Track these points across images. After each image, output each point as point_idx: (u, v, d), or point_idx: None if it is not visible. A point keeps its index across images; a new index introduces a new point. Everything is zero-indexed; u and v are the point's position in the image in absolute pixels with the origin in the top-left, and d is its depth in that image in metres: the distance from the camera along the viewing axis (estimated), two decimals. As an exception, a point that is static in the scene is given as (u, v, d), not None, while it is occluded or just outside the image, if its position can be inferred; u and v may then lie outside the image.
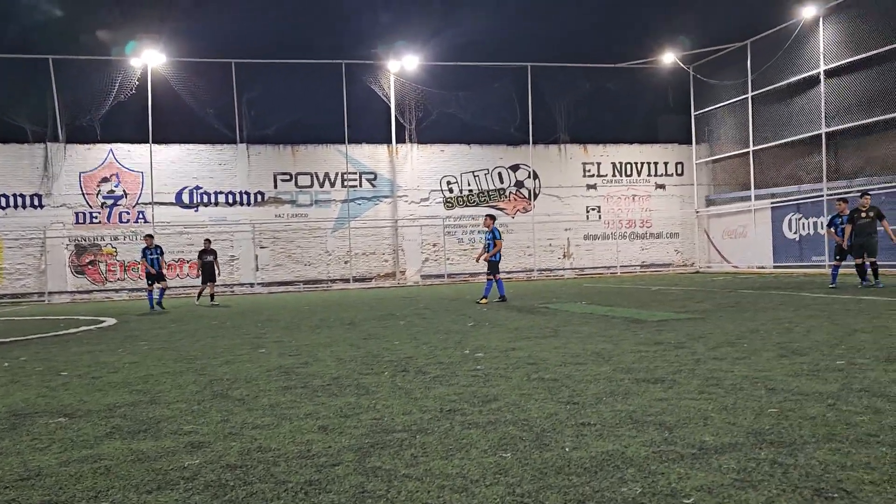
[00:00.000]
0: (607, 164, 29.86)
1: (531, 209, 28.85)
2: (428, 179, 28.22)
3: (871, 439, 3.58)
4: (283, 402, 5.18)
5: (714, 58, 28.90)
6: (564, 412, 4.48)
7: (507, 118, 28.84)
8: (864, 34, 22.25)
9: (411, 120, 28.05)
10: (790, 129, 25.31)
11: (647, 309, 11.84)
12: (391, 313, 13.24)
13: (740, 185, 28.74)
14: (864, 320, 8.76)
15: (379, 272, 27.73)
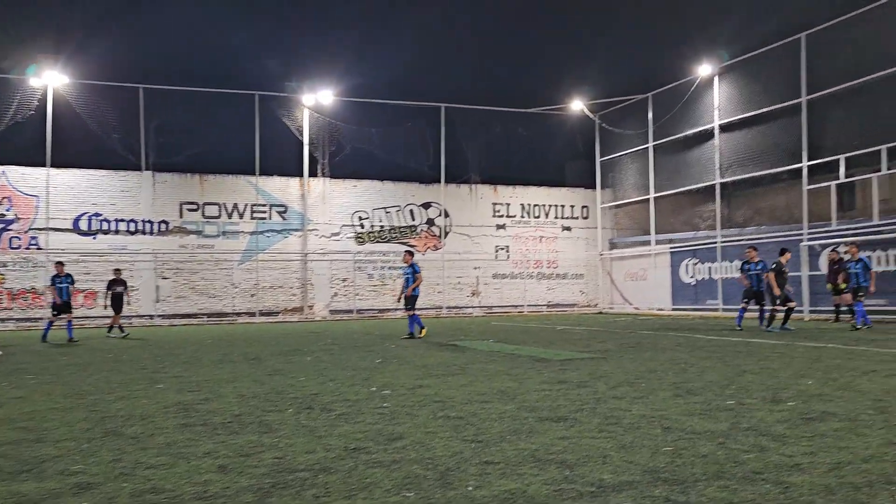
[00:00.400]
0: (516, 205, 30.56)
1: (441, 247, 29.10)
2: (340, 214, 28.06)
3: (757, 476, 3.78)
4: (181, 441, 4.98)
5: (619, 108, 30.28)
6: (469, 450, 4.51)
7: (421, 156, 29.15)
8: (754, 94, 23.87)
9: (325, 154, 27.91)
10: (688, 179, 26.70)
11: (552, 348, 12.10)
12: (298, 349, 12.98)
13: (641, 230, 29.99)
14: (752, 362, 9.25)
15: (286, 306, 27.17)
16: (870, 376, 7.58)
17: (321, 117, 27.65)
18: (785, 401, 6.10)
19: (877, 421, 5.15)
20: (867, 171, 20.61)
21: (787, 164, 22.43)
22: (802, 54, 21.64)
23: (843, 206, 22.74)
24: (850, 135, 20.26)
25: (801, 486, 3.59)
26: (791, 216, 24.12)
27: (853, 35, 20.31)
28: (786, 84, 22.32)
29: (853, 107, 20.43)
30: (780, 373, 8.05)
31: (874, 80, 19.59)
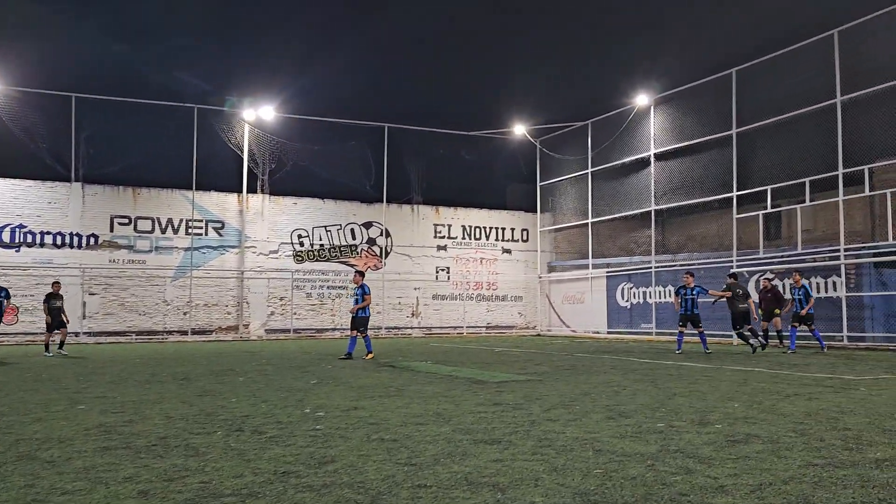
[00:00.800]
0: (458, 226, 30.73)
1: (382, 267, 28.97)
2: (279, 232, 27.66)
3: (683, 498, 3.84)
4: (100, 465, 4.77)
5: (559, 133, 30.89)
6: (402, 474, 4.45)
7: (363, 176, 29.05)
8: (687, 125, 24.71)
9: (265, 170, 27.54)
10: (624, 205, 27.36)
11: (490, 370, 12.14)
12: (230, 369, 12.67)
13: (579, 254, 30.51)
14: (682, 385, 9.47)
15: (221, 325, 26.53)
16: (792, 399, 7.84)
17: (262, 133, 27.30)
18: (712, 423, 6.25)
19: (797, 443, 5.32)
20: (792, 202, 21.53)
21: (718, 194, 23.22)
22: (733, 89, 22.53)
23: (770, 235, 23.66)
24: (777, 167, 21.14)
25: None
26: (721, 243, 24.95)
27: (781, 72, 21.28)
28: (717, 117, 23.19)
29: (780, 141, 21.35)
30: (708, 396, 8.25)
31: (799, 116, 20.53)
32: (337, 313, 28.05)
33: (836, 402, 7.57)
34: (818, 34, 20.02)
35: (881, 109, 18.51)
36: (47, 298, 17.80)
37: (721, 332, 21.41)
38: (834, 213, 20.01)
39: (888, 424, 6.13)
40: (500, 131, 31.38)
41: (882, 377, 10.45)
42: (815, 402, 7.58)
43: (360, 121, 28.99)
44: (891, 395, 8.18)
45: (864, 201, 20.59)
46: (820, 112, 19.98)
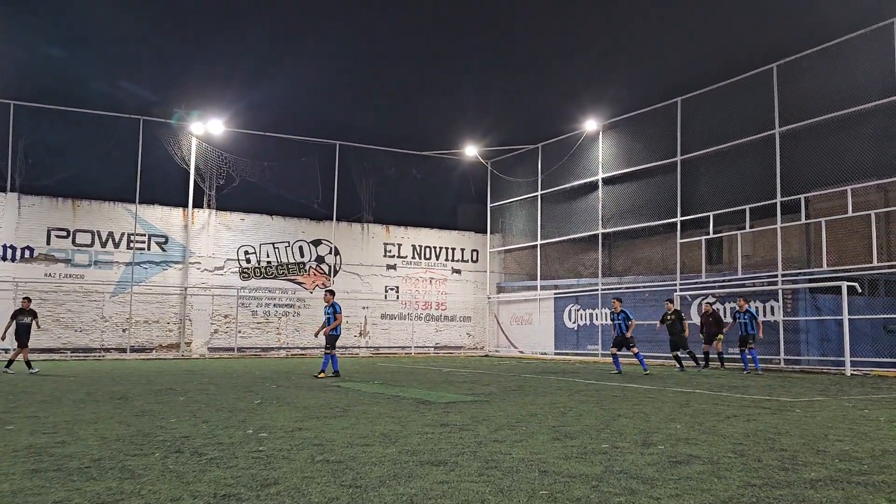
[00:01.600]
0: (408, 245, 30.69)
1: (330, 285, 28.69)
2: (224, 248, 27.15)
3: (627, 519, 3.87)
4: (29, 488, 4.56)
5: (510, 156, 31.26)
6: (346, 496, 4.38)
7: (312, 193, 28.81)
8: (635, 151, 25.30)
9: (212, 185, 27.06)
10: (573, 227, 27.77)
11: (437, 390, 12.09)
12: (171, 388, 12.32)
13: (528, 275, 30.79)
14: (627, 406, 9.59)
15: (161, 342, 25.82)
16: (731, 421, 8.01)
17: (210, 147, 26.86)
18: (655, 444, 6.34)
19: (736, 464, 5.43)
20: (733, 228, 22.18)
21: (663, 219, 23.78)
22: (678, 117, 23.20)
23: (712, 260, 24.31)
24: (719, 194, 21.79)
25: (668, 528, 3.71)
26: (666, 267, 25.50)
27: (723, 103, 22.01)
28: (663, 144, 23.82)
29: (722, 168, 22.02)
30: (651, 417, 8.37)
31: (740, 146, 21.25)
32: (283, 332, 27.62)
33: (773, 424, 7.76)
34: (759, 67, 20.82)
35: (817, 141, 19.29)
36: (15, 314, 17.25)
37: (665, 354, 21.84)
38: (772, 239, 20.69)
39: (822, 445, 6.31)
40: (452, 152, 31.58)
41: (816, 399, 10.78)
42: (754, 424, 7.76)
43: (311, 137, 28.80)
44: (824, 417, 8.43)
45: (800, 229, 21.36)
46: (760, 142, 20.71)
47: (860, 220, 18.54)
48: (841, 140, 18.66)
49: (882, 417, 8.44)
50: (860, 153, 18.25)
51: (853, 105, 18.34)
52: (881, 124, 17.92)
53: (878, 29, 17.89)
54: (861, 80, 18.34)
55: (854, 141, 18.39)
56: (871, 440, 6.63)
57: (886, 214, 18.25)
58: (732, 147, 21.48)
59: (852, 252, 19.16)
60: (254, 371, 17.49)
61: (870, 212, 18.01)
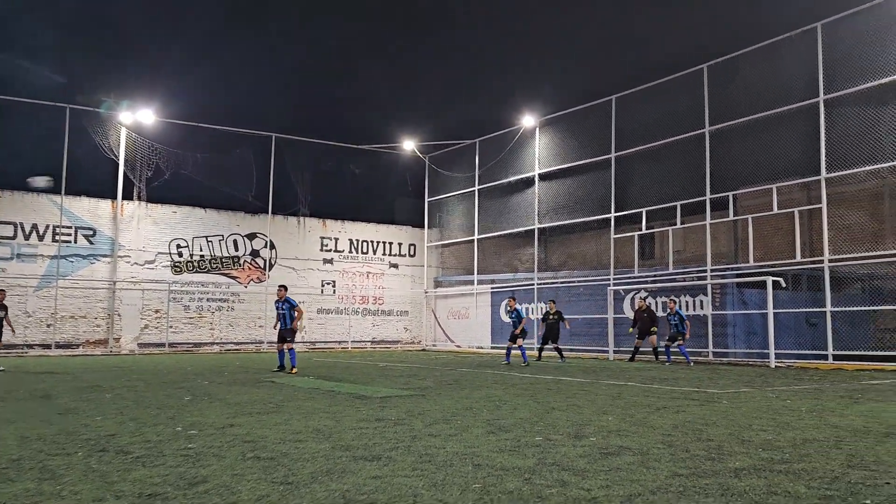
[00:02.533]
0: (345, 240, 30.43)
1: (266, 279, 28.21)
2: (155, 241, 26.35)
3: (558, 510, 3.92)
4: (-63, 492, 4.32)
5: (448, 151, 31.31)
6: (277, 493, 4.30)
7: (247, 186, 28.21)
8: (570, 147, 25.68)
9: (142, 177, 26.20)
10: (509, 223, 28.02)
11: (373, 385, 12.02)
12: (97, 385, 11.89)
13: (465, 270, 30.93)
14: (560, 399, 9.73)
15: (89, 338, 24.90)
16: (661, 412, 8.22)
17: (139, 138, 26.00)
18: (587, 436, 6.44)
19: (665, 454, 5.56)
20: (664, 224, 22.77)
21: (598, 214, 24.23)
22: (613, 115, 23.64)
23: (644, 255, 24.90)
24: (652, 191, 22.34)
25: (598, 518, 3.77)
26: (600, 262, 26.00)
27: (657, 101, 22.55)
28: (598, 140, 24.25)
29: (654, 166, 22.58)
30: (584, 409, 8.52)
31: (672, 144, 21.81)
32: (216, 327, 27.02)
33: (700, 415, 8.00)
34: (691, 67, 21.39)
35: (745, 141, 19.98)
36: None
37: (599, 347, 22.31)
38: (702, 235, 21.33)
39: (746, 435, 6.54)
40: (390, 146, 31.45)
41: (742, 390, 11.17)
42: (682, 415, 7.98)
43: (246, 129, 28.21)
44: (749, 408, 8.74)
45: (728, 225, 22.09)
46: (691, 140, 21.30)
47: (785, 218, 19.30)
48: (767, 140, 19.36)
49: (803, 407, 8.80)
50: (785, 153, 18.97)
51: (779, 106, 19.04)
52: (805, 125, 18.66)
53: (804, 33, 18.61)
54: (787, 82, 19.07)
55: (780, 141, 19.10)
56: (793, 429, 6.90)
57: (809, 212, 19.04)
58: (664, 145, 22.03)
59: (777, 248, 19.93)
60: (185, 367, 17.05)
61: (794, 209, 18.74)
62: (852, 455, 5.55)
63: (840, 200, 18.70)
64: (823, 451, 5.71)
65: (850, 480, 4.66)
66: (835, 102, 18.07)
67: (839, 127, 17.93)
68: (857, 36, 17.68)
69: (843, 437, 6.40)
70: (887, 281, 18.70)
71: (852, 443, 6.13)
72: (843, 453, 5.63)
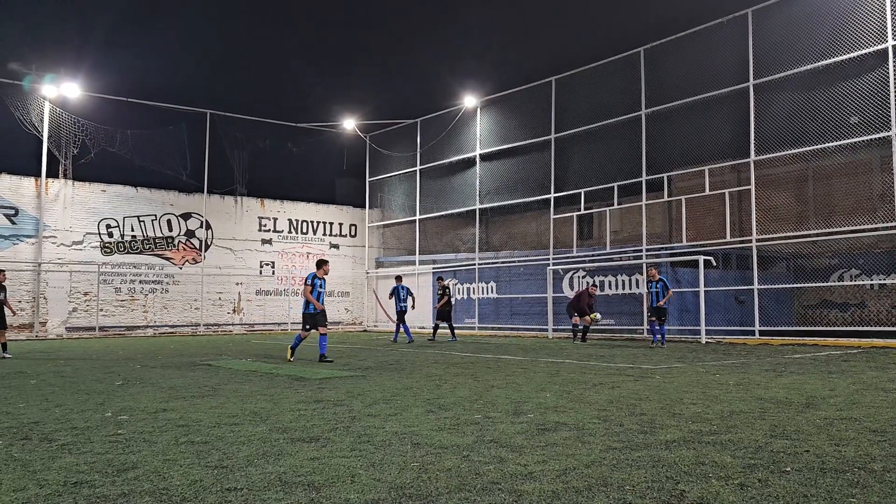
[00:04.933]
0: (284, 220, 29.94)
1: (201, 260, 27.55)
2: (83, 221, 25.38)
3: (494, 486, 3.95)
4: None
5: (389, 130, 31.05)
6: (210, 478, 4.21)
7: (180, 164, 27.37)
8: (511, 128, 25.79)
9: (68, 154, 25.14)
10: (451, 203, 28.04)
11: (313, 367, 11.92)
12: (21, 371, 11.43)
13: (407, 250, 30.86)
14: (500, 377, 9.83)
15: (12, 323, 23.89)
16: (597, 388, 8.39)
17: (65, 113, 24.92)
18: (525, 413, 6.52)
19: (600, 429, 5.68)
20: (602, 204, 23.16)
21: (538, 195, 24.46)
22: (552, 96, 23.83)
23: (583, 235, 25.30)
24: (590, 172, 22.67)
25: (532, 493, 3.82)
26: (540, 242, 26.32)
27: (595, 84, 22.80)
28: (539, 122, 24.42)
29: (593, 147, 22.89)
30: (523, 387, 8.62)
31: (610, 126, 22.13)
32: (150, 309, 26.30)
33: (635, 390, 8.20)
34: (628, 50, 21.70)
35: (679, 124, 20.42)
36: None
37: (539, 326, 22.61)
38: (638, 216, 21.78)
39: (677, 409, 6.73)
40: (329, 124, 31.01)
41: (675, 366, 11.50)
42: (617, 391, 8.16)
43: (179, 105, 27.34)
44: (681, 382, 9.00)
45: (663, 206, 22.61)
46: (627, 123, 21.66)
47: (716, 199, 19.87)
48: (700, 123, 19.84)
49: (731, 381, 9.11)
50: (717, 135, 19.50)
51: (712, 90, 19.51)
52: (736, 109, 19.19)
53: (735, 19, 19.07)
54: (720, 66, 19.53)
55: (712, 124, 19.62)
56: (721, 402, 7.13)
57: (739, 193, 19.63)
58: (603, 127, 22.34)
59: (709, 228, 20.53)
60: (117, 351, 16.55)
61: (724, 191, 19.31)
62: (775, 425, 5.77)
63: (767, 182, 19.36)
64: (749, 423, 5.92)
65: (772, 449, 4.85)
66: (764, 87, 18.63)
67: (768, 111, 18.51)
68: (786, 23, 18.22)
69: (767, 409, 6.65)
70: (810, 260, 19.51)
71: (775, 414, 6.38)
72: (766, 424, 5.85)
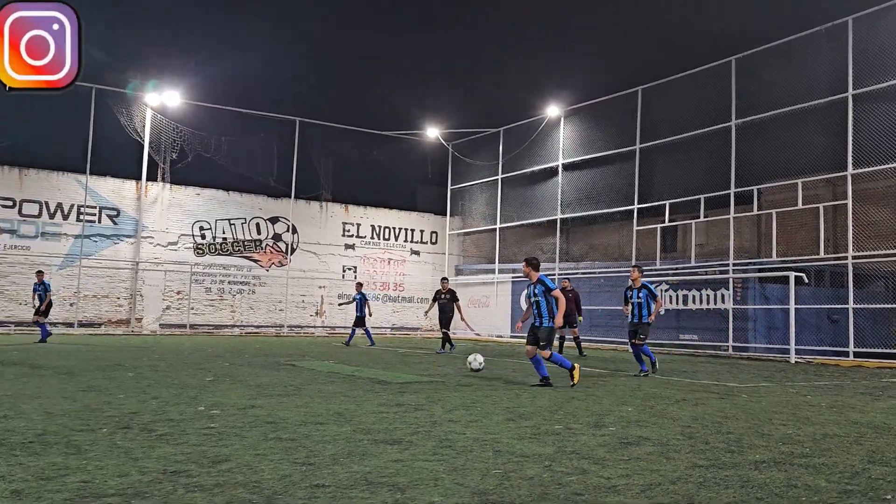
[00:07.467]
0: (367, 225, 30.51)
1: (287, 263, 28.40)
2: (179, 223, 26.60)
3: (578, 498, 3.93)
4: (-32, 462, 4.42)
5: (472, 139, 31.22)
6: (299, 473, 4.35)
7: (270, 169, 28.36)
8: (595, 138, 25.50)
9: (166, 158, 26.42)
10: (532, 212, 27.93)
11: (393, 371, 12.09)
12: (119, 363, 12.07)
13: (486, 259, 30.91)
14: (579, 389, 9.72)
15: (111, 318, 25.25)
16: (680, 404, 8.19)
17: (165, 119, 26.21)
18: (607, 426, 6.44)
19: (684, 446, 5.55)
20: (687, 217, 22.57)
21: (621, 206, 24.07)
22: (638, 106, 23.43)
23: (667, 248, 24.72)
24: (675, 183, 22.14)
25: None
26: (621, 253, 25.87)
27: (683, 93, 22.30)
28: (623, 131, 24.06)
29: (679, 158, 22.36)
30: (603, 400, 8.51)
31: (697, 136, 21.58)
32: (237, 309, 27.28)
33: (720, 408, 7.96)
34: (718, 60, 21.12)
35: (771, 135, 19.72)
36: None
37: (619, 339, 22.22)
38: (725, 229, 21.12)
39: (766, 429, 6.49)
40: (414, 133, 31.43)
41: (762, 385, 11.09)
42: (702, 408, 7.94)
43: (270, 113, 28.31)
44: (769, 402, 8.68)
45: (752, 220, 21.85)
46: (716, 133, 21.06)
47: (809, 213, 19.05)
48: (794, 134, 19.08)
49: (823, 403, 8.72)
50: (811, 148, 18.70)
51: (807, 100, 18.75)
52: (833, 120, 18.37)
53: (835, 27, 18.28)
54: (816, 76, 18.76)
55: (806, 136, 18.83)
56: (813, 424, 6.84)
57: (834, 208, 18.78)
58: (690, 137, 21.79)
59: (800, 243, 19.70)
60: (206, 348, 17.25)
61: (818, 205, 18.49)
62: (873, 451, 5.50)
63: (866, 197, 18.41)
64: (844, 447, 5.66)
65: (870, 476, 4.62)
66: (863, 98, 17.76)
67: (867, 123, 17.63)
68: (888, 31, 17.35)
69: (863, 434, 6.34)
70: (913, 279, 18.43)
71: (873, 439, 6.07)
72: (863, 449, 5.58)
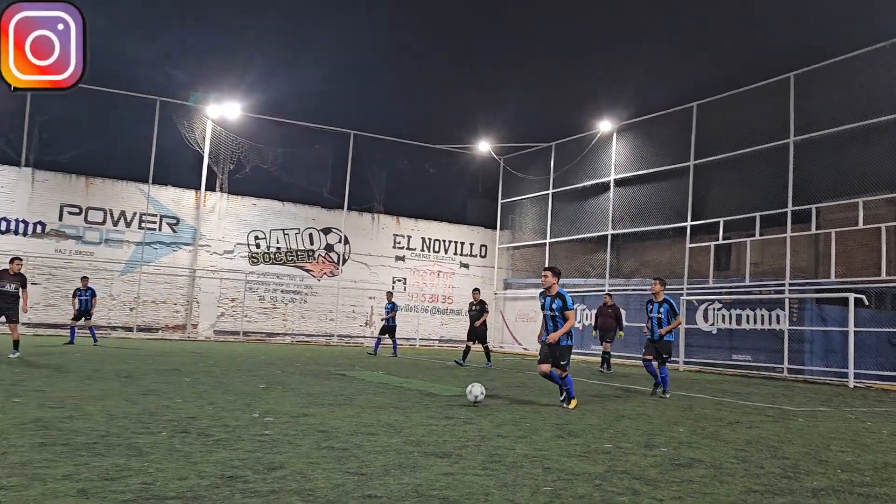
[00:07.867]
0: (417, 238, 30.73)
1: (338, 274, 28.78)
2: (235, 232, 27.25)
3: (629, 519, 3.90)
4: (37, 461, 4.62)
5: (523, 153, 31.22)
6: (351, 483, 4.42)
7: (324, 181, 28.87)
8: (648, 153, 25.23)
9: (224, 169, 27.13)
10: (582, 227, 27.73)
11: (441, 383, 12.14)
12: (176, 368, 12.41)
13: (535, 273, 30.73)
14: (629, 407, 9.61)
15: (168, 323, 25.96)
16: (734, 427, 8.02)
17: (224, 131, 26.92)
18: (658, 446, 6.36)
19: (738, 469, 5.44)
20: (742, 235, 22.10)
21: (673, 223, 23.72)
22: (693, 122, 23.11)
23: (720, 266, 24.24)
24: (730, 200, 21.72)
25: (669, 530, 3.74)
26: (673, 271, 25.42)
27: (739, 110, 21.91)
28: (677, 147, 23.74)
29: (734, 175, 21.95)
30: (654, 419, 8.39)
31: (753, 153, 21.15)
32: (289, 318, 27.73)
33: (775, 432, 7.77)
34: (776, 76, 20.70)
35: (830, 152, 19.20)
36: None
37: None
38: (781, 248, 20.61)
39: (824, 455, 6.32)
40: (465, 146, 31.58)
41: (819, 409, 10.77)
42: (756, 431, 7.77)
43: (325, 126, 28.82)
44: (827, 427, 8.43)
45: (809, 239, 21.27)
46: (773, 150, 20.61)
47: (870, 233, 18.46)
48: (854, 152, 18.56)
49: (885, 430, 8.43)
50: (873, 166, 18.14)
51: (868, 118, 18.22)
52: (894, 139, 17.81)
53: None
54: (877, 93, 18.22)
55: (867, 154, 18.29)
56: (874, 452, 6.63)
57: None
58: (745, 154, 21.39)
59: (861, 264, 19.09)
60: (259, 356, 17.58)
61: (880, 225, 17.92)
62: (941, 484, 5.30)
63: (932, 217, 17.77)
64: (909, 479, 5.47)
65: (938, 510, 4.47)
66: (933, 114, 17.17)
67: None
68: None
69: (930, 466, 6.12)
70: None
71: (941, 472, 5.85)
72: (930, 482, 5.39)
